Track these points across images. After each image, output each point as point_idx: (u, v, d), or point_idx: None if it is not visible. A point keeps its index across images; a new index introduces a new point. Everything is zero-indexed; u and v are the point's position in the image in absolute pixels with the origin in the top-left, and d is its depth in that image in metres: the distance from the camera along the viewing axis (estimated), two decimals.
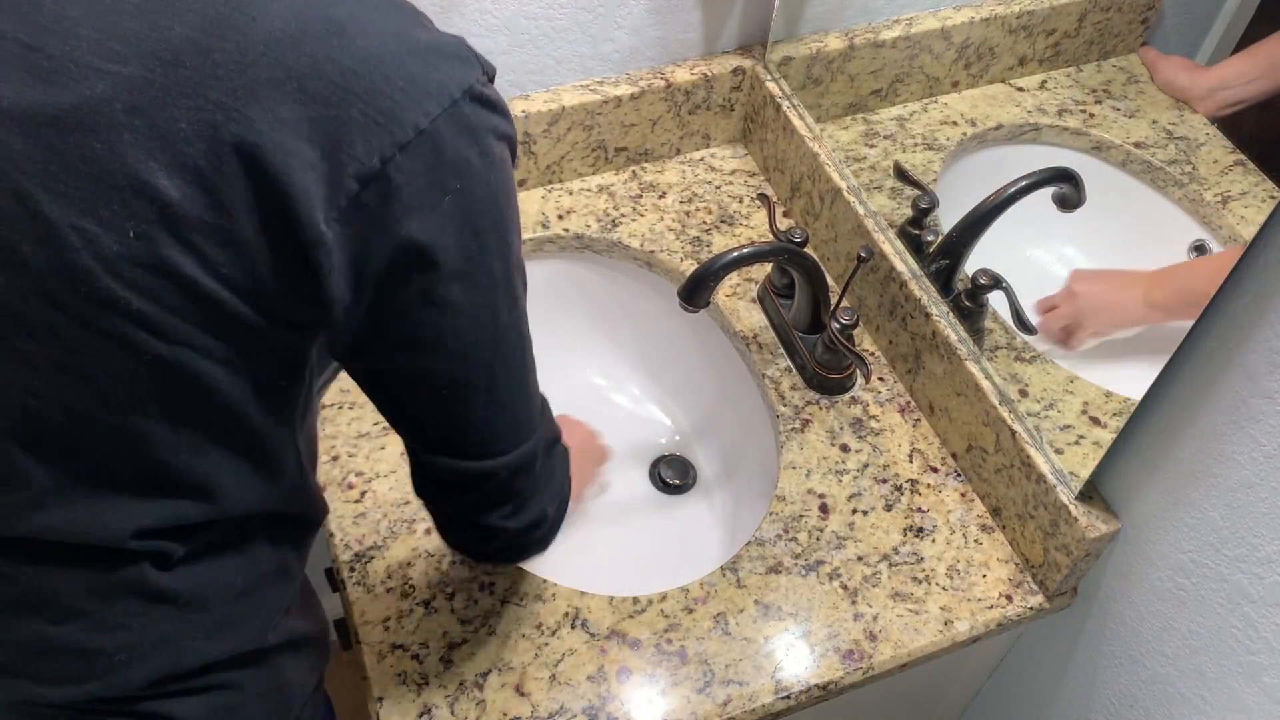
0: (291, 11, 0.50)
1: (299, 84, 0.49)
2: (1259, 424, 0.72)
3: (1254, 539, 0.75)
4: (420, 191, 0.53)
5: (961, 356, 0.94)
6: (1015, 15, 0.86)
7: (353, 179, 0.51)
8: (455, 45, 0.54)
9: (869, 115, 1.04)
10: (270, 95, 0.49)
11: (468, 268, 0.57)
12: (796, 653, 0.85)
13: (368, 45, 0.51)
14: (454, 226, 0.55)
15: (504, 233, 0.58)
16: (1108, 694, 0.95)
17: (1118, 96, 0.79)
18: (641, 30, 1.11)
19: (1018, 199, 0.88)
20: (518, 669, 0.83)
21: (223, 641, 0.66)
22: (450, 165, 0.53)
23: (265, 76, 0.49)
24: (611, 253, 1.14)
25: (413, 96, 0.51)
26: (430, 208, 0.53)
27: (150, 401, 0.55)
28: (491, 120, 0.55)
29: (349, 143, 0.50)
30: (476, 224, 0.56)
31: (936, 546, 0.92)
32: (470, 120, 0.53)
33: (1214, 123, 0.72)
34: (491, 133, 0.55)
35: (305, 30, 0.50)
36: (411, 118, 0.51)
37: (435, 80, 0.52)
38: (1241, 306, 0.70)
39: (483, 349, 0.61)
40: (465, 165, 0.54)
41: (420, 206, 0.53)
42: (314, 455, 0.75)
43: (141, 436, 0.56)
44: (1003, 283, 0.91)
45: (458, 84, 0.53)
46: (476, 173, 0.54)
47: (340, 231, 0.52)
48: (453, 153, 0.53)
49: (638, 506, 1.11)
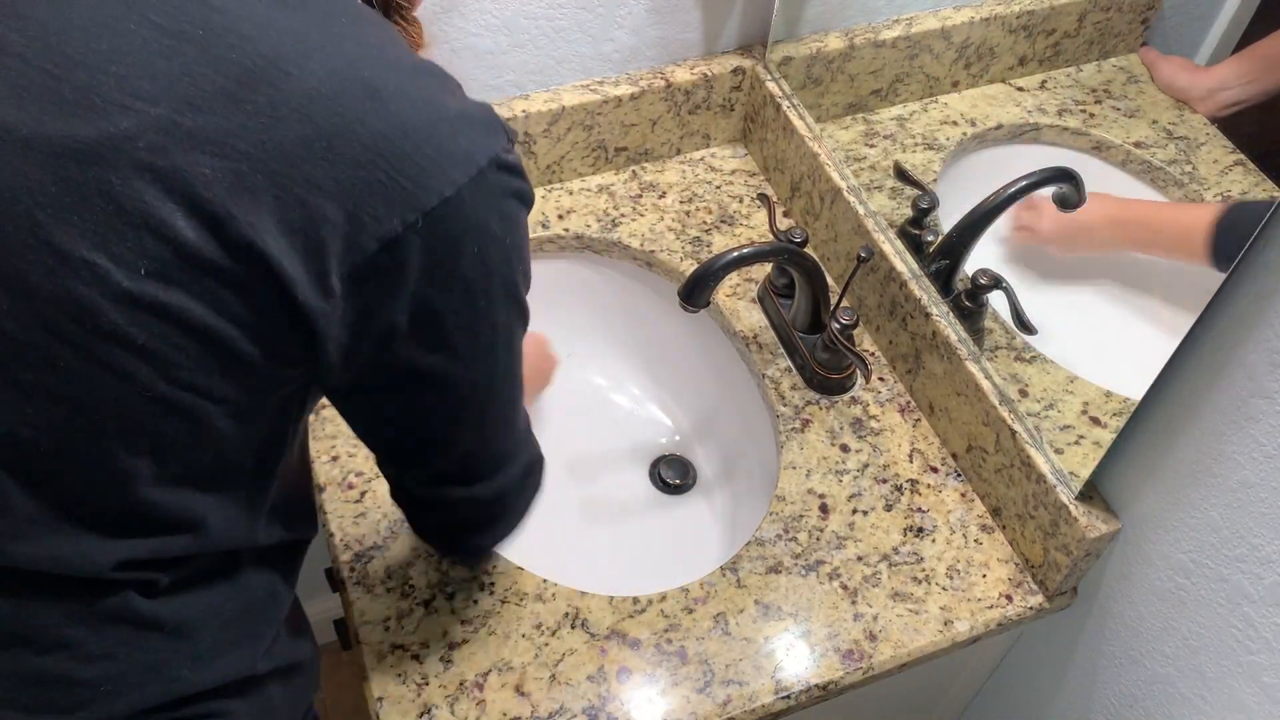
0: (328, 71, 0.51)
1: (329, 144, 0.50)
2: (1259, 424, 0.72)
3: (1254, 539, 0.75)
4: (436, 256, 0.54)
5: (961, 356, 0.94)
6: (1015, 15, 0.86)
7: (372, 239, 0.52)
8: (483, 114, 0.55)
9: (869, 115, 1.04)
10: (298, 152, 0.50)
11: (473, 322, 0.59)
12: (796, 653, 0.85)
13: (400, 111, 0.51)
14: (464, 288, 0.56)
15: (513, 288, 0.60)
16: (1108, 694, 0.95)
17: (1118, 96, 0.79)
18: (641, 30, 1.11)
19: (1018, 199, 0.88)
20: (518, 669, 0.83)
21: (212, 670, 0.65)
22: (470, 231, 0.55)
23: (296, 134, 0.50)
24: (611, 253, 1.14)
25: (440, 164, 0.52)
26: (444, 271, 0.55)
27: (143, 438, 0.55)
28: (513, 185, 0.57)
29: (372, 204, 0.51)
30: (488, 285, 0.58)
31: (936, 546, 0.92)
32: (493, 188, 0.55)
33: (1214, 123, 0.72)
34: (512, 197, 0.57)
35: (341, 91, 0.51)
36: (437, 185, 0.52)
37: (463, 149, 0.53)
38: (1241, 306, 0.70)
39: (479, 390, 0.63)
40: (484, 231, 0.55)
41: (434, 270, 0.54)
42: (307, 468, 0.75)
43: (130, 473, 0.56)
44: (1003, 283, 0.91)
45: (484, 152, 0.54)
46: (495, 237, 0.56)
47: (350, 288, 0.53)
48: (474, 219, 0.55)
49: (638, 506, 1.11)
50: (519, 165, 0.57)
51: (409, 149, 0.51)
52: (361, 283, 0.53)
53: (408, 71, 0.53)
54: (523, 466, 0.71)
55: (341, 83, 0.51)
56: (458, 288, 0.56)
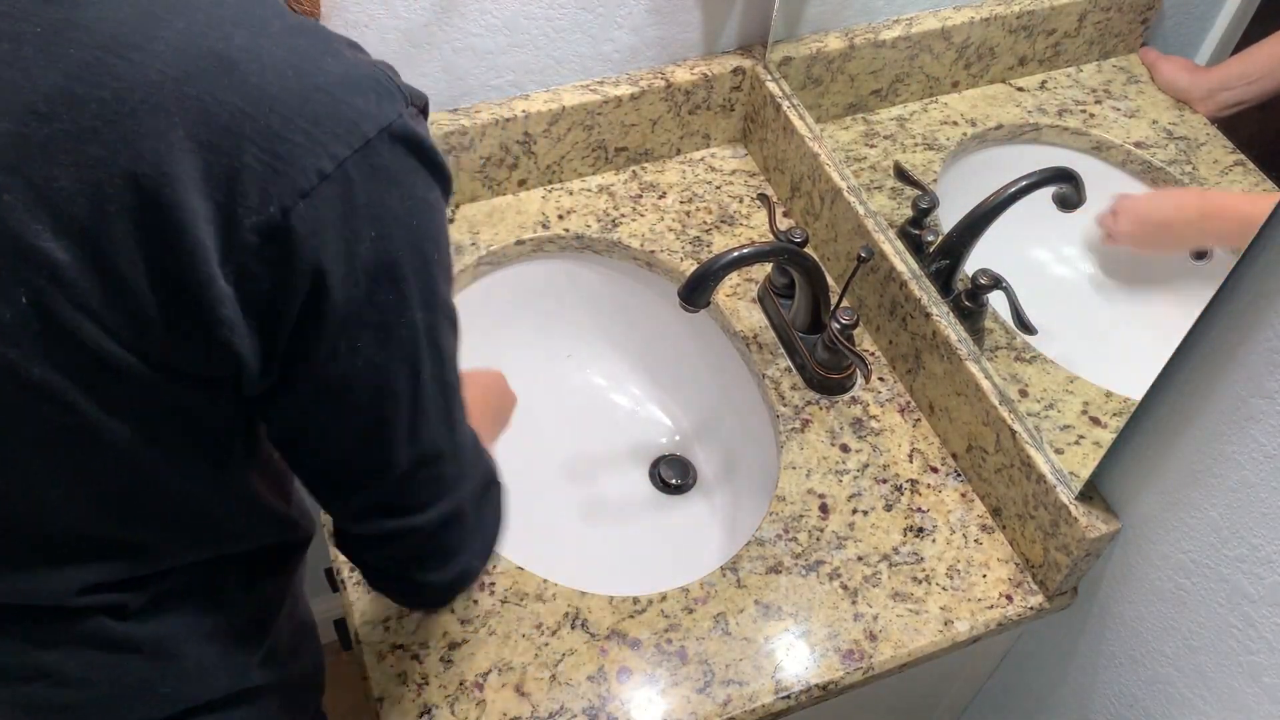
0: (174, 50, 0.45)
1: (185, 131, 0.45)
2: (1259, 424, 0.72)
3: (1254, 539, 0.75)
4: (329, 242, 0.48)
5: (961, 356, 0.94)
6: (1015, 15, 0.86)
7: (250, 232, 0.46)
8: (371, 76, 0.49)
9: (869, 115, 1.04)
10: (154, 147, 0.44)
11: (382, 319, 0.52)
12: (796, 653, 0.85)
13: (262, 82, 0.46)
14: (367, 278, 0.50)
15: (428, 280, 0.53)
16: (1108, 694, 0.95)
17: (1118, 96, 0.79)
18: (641, 30, 1.11)
19: (1018, 199, 0.88)
20: (518, 669, 0.83)
21: (201, 686, 0.63)
22: (364, 212, 0.48)
23: (147, 126, 0.44)
24: (611, 253, 1.14)
25: (315, 138, 0.46)
26: (341, 259, 0.49)
27: (64, 470, 0.52)
28: (415, 160, 0.50)
29: (244, 192, 0.46)
30: (395, 274, 0.51)
31: (936, 546, 0.92)
32: (388, 162, 0.48)
33: (1214, 123, 0.72)
34: (416, 174, 0.50)
35: (190, 70, 0.45)
36: (314, 162, 0.46)
37: (345, 118, 0.47)
38: (1241, 306, 0.70)
39: (402, 402, 0.55)
40: (383, 212, 0.49)
41: (329, 258, 0.48)
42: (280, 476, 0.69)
43: (60, 504, 0.54)
44: (1003, 283, 0.91)
45: (373, 121, 0.48)
46: (397, 219, 0.50)
47: (241, 286, 0.48)
48: (367, 198, 0.48)
49: (638, 506, 1.11)
50: (420, 135, 0.50)
51: (275, 124, 0.45)
52: (251, 280, 0.47)
53: (276, 34, 0.47)
54: (471, 491, 0.62)
55: (190, 60, 0.45)
56: (359, 280, 0.49)
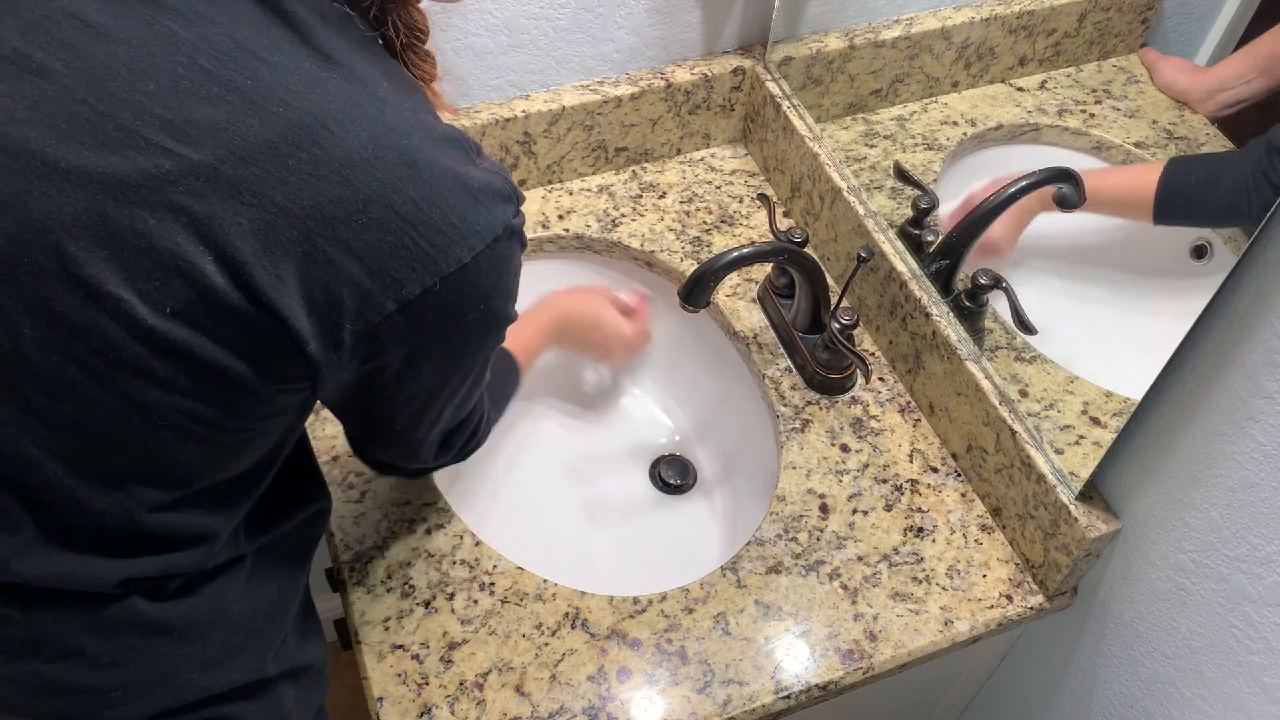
0: (370, 136, 0.52)
1: (363, 207, 0.52)
2: (1259, 424, 0.72)
3: (1254, 539, 0.75)
4: (447, 314, 0.58)
5: (961, 356, 0.94)
6: (1015, 15, 0.86)
7: (391, 300, 0.54)
8: (502, 184, 0.58)
9: (869, 115, 1.04)
10: (333, 212, 0.51)
11: (462, 362, 0.64)
12: (796, 653, 0.85)
13: (431, 180, 0.54)
14: (464, 336, 0.61)
15: (503, 325, 0.64)
16: (1108, 694, 0.95)
17: (1118, 96, 0.79)
18: (641, 30, 1.11)
19: (1018, 199, 0.88)
20: (518, 669, 0.83)
21: (222, 674, 0.65)
22: (481, 293, 0.58)
23: (334, 194, 0.51)
24: (611, 253, 1.14)
25: (462, 233, 0.55)
26: (451, 326, 0.59)
27: (153, 466, 0.56)
28: (518, 248, 0.60)
29: (396, 268, 0.54)
30: (485, 330, 0.62)
31: (936, 546, 0.92)
32: (504, 253, 0.58)
33: (1214, 123, 0.72)
34: (517, 254, 0.60)
35: (380, 157, 0.52)
36: (457, 253, 0.55)
37: (484, 219, 0.56)
38: (1241, 306, 0.70)
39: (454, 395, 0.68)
40: (491, 291, 0.59)
41: (442, 324, 0.58)
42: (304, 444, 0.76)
43: (138, 498, 0.57)
44: (1003, 283, 0.91)
45: (500, 222, 0.57)
46: (499, 291, 0.60)
47: (361, 340, 0.55)
48: (485, 283, 0.58)
49: (638, 506, 1.11)
50: (522, 227, 0.60)
51: (436, 218, 0.54)
52: (373, 337, 0.56)
53: (439, 140, 0.55)
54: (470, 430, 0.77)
55: (381, 149, 0.52)
56: (457, 338, 0.60)
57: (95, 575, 0.58)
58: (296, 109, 0.51)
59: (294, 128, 0.50)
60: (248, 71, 0.51)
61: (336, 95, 0.52)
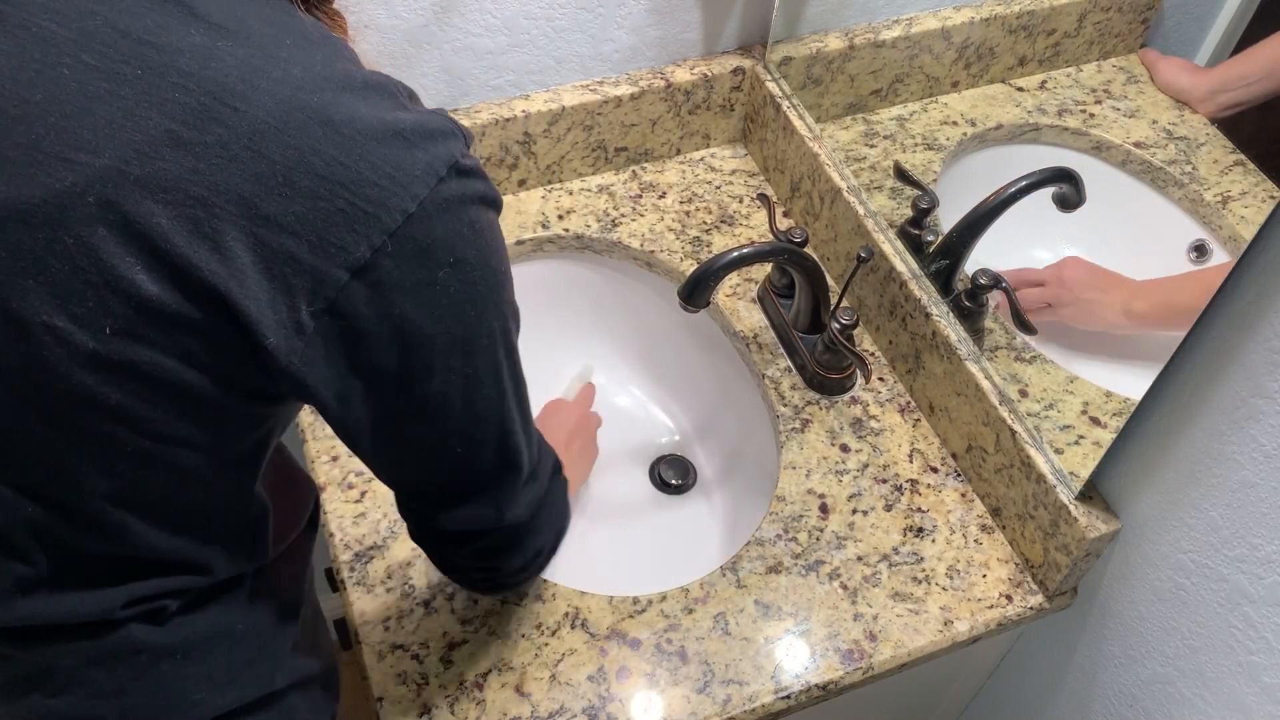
0: (276, 101, 0.48)
1: (285, 178, 0.48)
2: (1259, 424, 0.72)
3: (1254, 539, 0.75)
4: (412, 274, 0.52)
5: (961, 356, 0.94)
6: (1015, 15, 0.86)
7: (341, 269, 0.50)
8: (438, 122, 0.53)
9: (869, 115, 1.04)
10: (254, 191, 0.48)
11: (467, 335, 0.57)
12: (796, 653, 0.85)
13: (354, 134, 0.49)
14: (449, 301, 0.54)
15: (499, 291, 0.58)
16: (1108, 694, 0.95)
17: (1118, 96, 0.79)
18: (641, 30, 1.11)
19: (1018, 199, 0.88)
20: (518, 669, 0.83)
21: (231, 691, 0.64)
22: (441, 243, 0.53)
23: (250, 171, 0.48)
24: (611, 253, 1.14)
25: (400, 181, 0.50)
26: (424, 288, 0.53)
27: (129, 491, 0.54)
28: (475, 188, 0.54)
29: (336, 234, 0.49)
30: (473, 293, 0.56)
31: (936, 546, 0.92)
32: (456, 194, 0.53)
33: (1214, 123, 0.72)
34: (477, 201, 0.55)
35: (291, 121, 0.48)
36: (399, 203, 0.50)
37: (421, 161, 0.51)
38: (1241, 306, 0.70)
39: (491, 405, 0.61)
40: (456, 239, 0.53)
41: (414, 289, 0.53)
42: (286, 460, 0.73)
43: (121, 525, 0.55)
44: (1003, 283, 0.91)
45: (443, 161, 0.52)
46: (468, 243, 0.54)
47: (328, 323, 0.51)
48: (442, 230, 0.52)
49: (638, 506, 1.11)
50: (477, 167, 0.55)
51: (366, 171, 0.50)
52: (340, 315, 0.51)
53: (358, 89, 0.51)
54: (544, 479, 0.70)
55: (291, 112, 0.48)
56: (442, 304, 0.54)
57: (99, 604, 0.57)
58: (193, 90, 0.47)
59: (194, 111, 0.47)
60: (136, 60, 0.47)
61: (233, 66, 0.48)
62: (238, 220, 0.48)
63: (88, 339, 0.48)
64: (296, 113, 0.48)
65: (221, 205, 0.47)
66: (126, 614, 0.59)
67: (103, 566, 0.57)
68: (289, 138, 0.48)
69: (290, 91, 0.49)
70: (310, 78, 0.50)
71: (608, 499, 1.11)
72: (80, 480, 0.53)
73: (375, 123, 0.50)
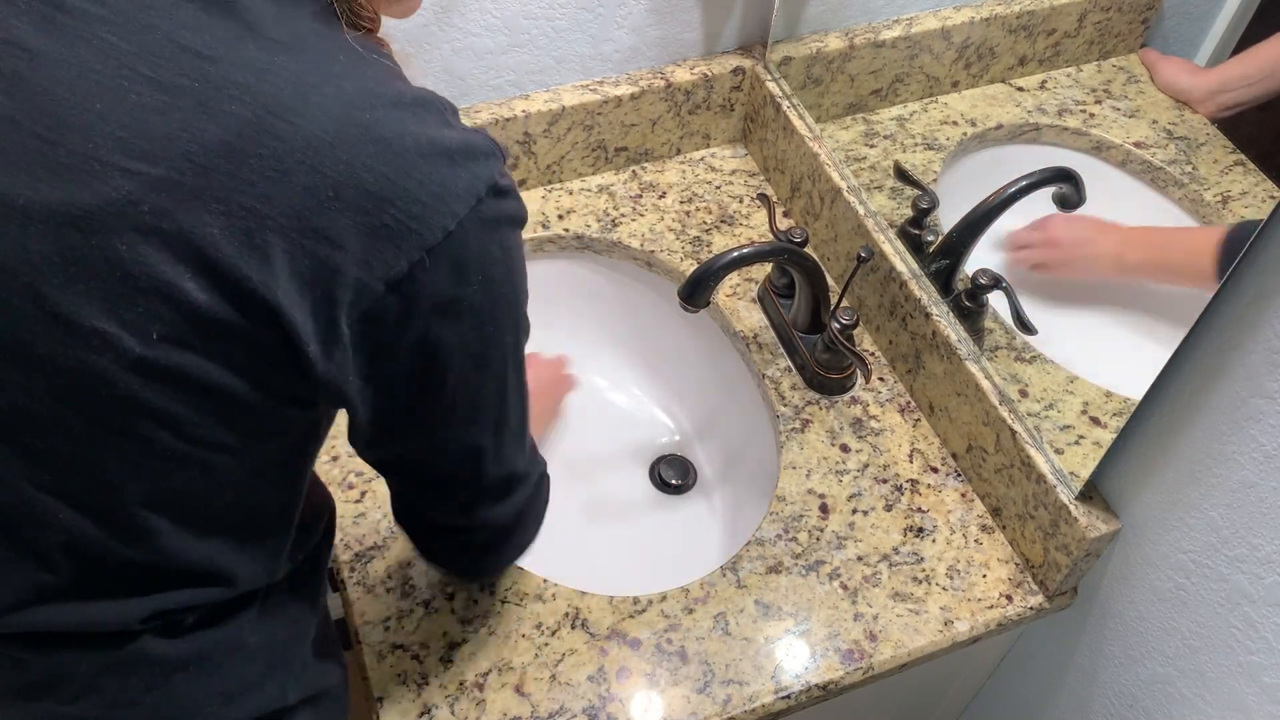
0: (330, 117, 0.49)
1: (335, 191, 0.49)
2: (1259, 424, 0.72)
3: (1254, 539, 0.75)
4: (443, 290, 0.54)
5: (961, 356, 0.94)
6: (1015, 15, 0.86)
7: (380, 282, 0.51)
8: (481, 142, 0.55)
9: (869, 115, 1.04)
10: (305, 204, 0.49)
11: (483, 349, 0.58)
12: (796, 653, 0.85)
13: (403, 151, 0.51)
14: (472, 317, 0.56)
15: (517, 307, 0.60)
16: (1108, 694, 0.95)
17: (1118, 96, 0.80)
18: (641, 30, 1.11)
19: (1018, 199, 0.88)
20: (518, 669, 0.83)
21: (242, 706, 0.64)
22: (473, 261, 0.54)
23: (302, 185, 0.49)
24: (611, 253, 1.14)
25: (443, 200, 0.52)
26: (451, 304, 0.55)
27: (162, 496, 0.55)
28: (509, 208, 0.56)
29: (380, 248, 0.51)
30: (495, 310, 0.57)
31: (936, 546, 0.92)
32: (492, 214, 0.54)
33: (1214, 123, 0.72)
34: (507, 220, 0.56)
35: (344, 137, 0.49)
36: (440, 221, 0.52)
37: (464, 181, 0.53)
38: (1241, 306, 0.70)
39: (493, 411, 0.63)
40: (486, 258, 0.55)
41: (442, 304, 0.54)
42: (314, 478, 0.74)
43: (151, 530, 0.55)
44: (1003, 283, 0.91)
45: (483, 181, 0.53)
46: (495, 262, 0.56)
47: (361, 330, 0.52)
48: (476, 248, 0.54)
49: (638, 506, 1.11)
50: (512, 187, 0.57)
51: (413, 189, 0.51)
52: (370, 324, 0.52)
53: (408, 107, 0.52)
54: (533, 481, 0.72)
55: (344, 127, 0.49)
56: (466, 318, 0.56)
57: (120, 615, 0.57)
58: (249, 104, 0.48)
59: (249, 124, 0.48)
60: (194, 74, 0.48)
61: (288, 81, 0.49)
62: (287, 232, 0.49)
63: (134, 344, 0.49)
64: (349, 128, 0.50)
65: (273, 217, 0.48)
66: (142, 626, 0.59)
67: (127, 577, 0.57)
68: (341, 152, 0.49)
69: (343, 107, 0.50)
70: (362, 94, 0.51)
71: (608, 499, 1.11)
72: (117, 483, 0.53)
73: (424, 140, 0.52)
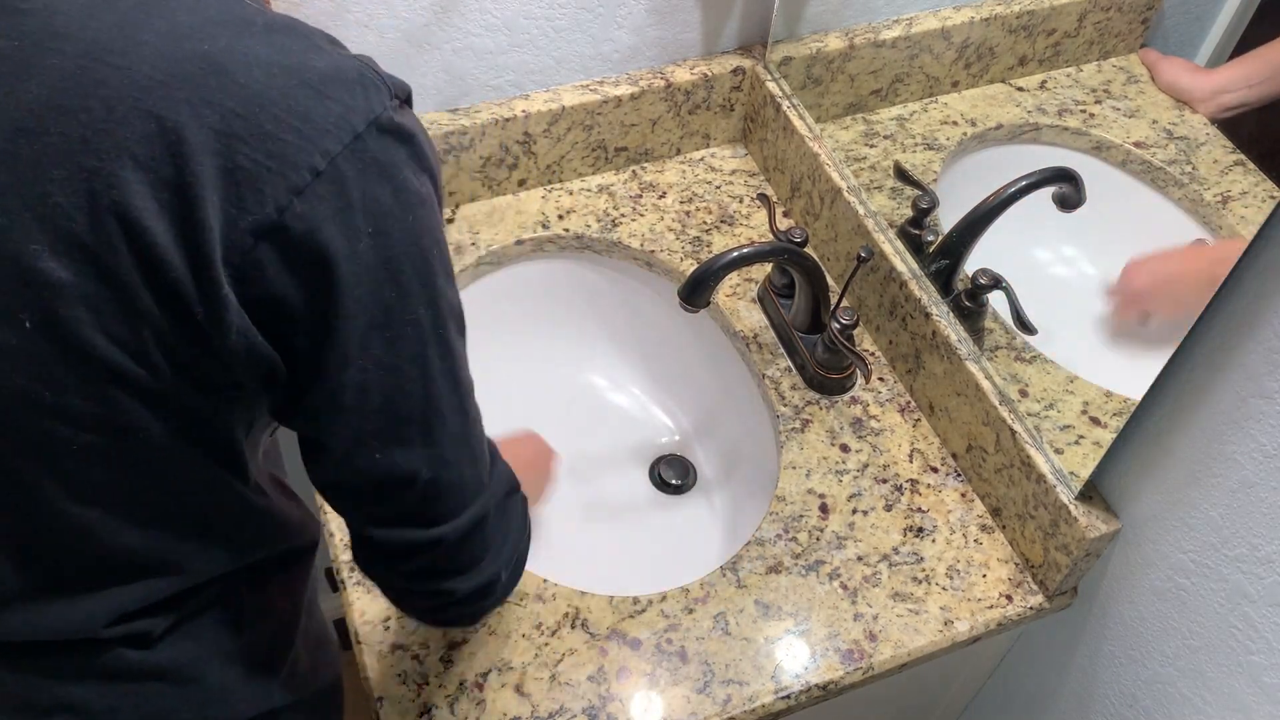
0: (159, 54, 0.44)
1: (178, 137, 0.44)
2: (1259, 424, 0.72)
3: (1254, 539, 0.75)
4: (324, 241, 0.47)
5: (961, 356, 0.94)
6: (1015, 15, 0.86)
7: (245, 233, 0.45)
8: (356, 70, 0.48)
9: (869, 115, 1.04)
10: (149, 154, 0.44)
11: (387, 319, 0.51)
12: (796, 653, 0.85)
13: (251, 82, 0.45)
14: (368, 276, 0.49)
15: (428, 276, 0.52)
16: (1108, 694, 0.95)
17: (1118, 96, 0.80)
18: (641, 30, 1.11)
19: (1018, 199, 0.88)
20: (518, 669, 0.83)
21: (225, 710, 0.63)
22: (359, 208, 0.47)
23: (138, 132, 0.43)
24: (611, 253, 1.14)
25: (307, 135, 0.46)
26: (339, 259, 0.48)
27: (87, 489, 0.52)
28: (405, 152, 0.49)
29: (239, 193, 0.45)
30: (395, 271, 0.50)
31: (936, 546, 0.92)
32: (378, 155, 0.48)
33: (1214, 123, 0.72)
34: (406, 166, 0.49)
35: (178, 73, 0.44)
36: (307, 159, 0.46)
37: (333, 113, 0.46)
38: (1241, 306, 0.70)
39: (415, 405, 0.54)
40: (376, 206, 0.48)
41: (326, 259, 0.47)
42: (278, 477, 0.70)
43: (87, 526, 0.53)
44: (1003, 283, 0.91)
45: (361, 115, 0.47)
46: (390, 213, 0.49)
47: (243, 290, 0.47)
48: (360, 193, 0.47)
49: (638, 506, 1.11)
50: (413, 129, 0.49)
51: (266, 123, 0.45)
52: (249, 283, 0.47)
53: (259, 32, 0.46)
54: (494, 498, 0.62)
55: (177, 64, 0.44)
56: (361, 278, 0.49)
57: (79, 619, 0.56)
58: (69, 54, 0.43)
59: (70, 76, 0.43)
60: (10, 30, 0.44)
61: (113, 18, 0.44)
62: (138, 187, 0.44)
63: (10, 336, 0.46)
64: (183, 64, 0.44)
65: (117, 173, 0.44)
66: (112, 634, 0.57)
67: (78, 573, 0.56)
68: (178, 91, 0.44)
69: (175, 41, 0.44)
70: (201, 23, 0.45)
71: (608, 499, 1.11)
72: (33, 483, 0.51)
73: (278, 69, 0.46)
